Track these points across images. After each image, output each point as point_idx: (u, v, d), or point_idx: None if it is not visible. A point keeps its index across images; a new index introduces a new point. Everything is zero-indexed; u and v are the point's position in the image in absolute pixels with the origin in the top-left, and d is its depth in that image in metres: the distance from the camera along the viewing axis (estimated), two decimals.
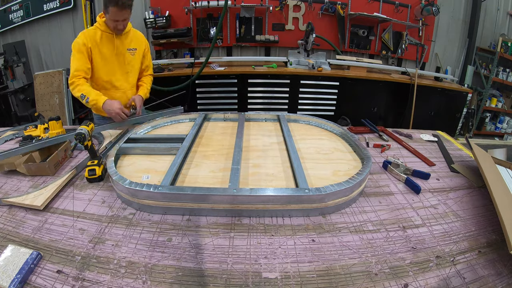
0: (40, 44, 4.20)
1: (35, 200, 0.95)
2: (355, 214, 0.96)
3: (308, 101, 3.49)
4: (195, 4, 3.66)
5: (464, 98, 3.68)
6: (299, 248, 0.81)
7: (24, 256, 0.73)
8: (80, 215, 0.92)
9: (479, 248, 0.84)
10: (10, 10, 4.02)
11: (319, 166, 1.16)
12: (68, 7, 3.88)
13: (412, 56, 4.03)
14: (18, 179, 1.13)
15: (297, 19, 3.96)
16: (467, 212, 1.00)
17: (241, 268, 0.74)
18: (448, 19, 4.26)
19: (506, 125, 4.57)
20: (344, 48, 4.12)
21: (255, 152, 1.26)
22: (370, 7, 3.95)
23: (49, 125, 1.42)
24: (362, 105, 3.58)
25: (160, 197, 0.90)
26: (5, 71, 3.99)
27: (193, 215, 0.93)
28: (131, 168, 1.14)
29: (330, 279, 0.72)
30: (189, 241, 0.82)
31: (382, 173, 1.22)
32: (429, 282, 0.71)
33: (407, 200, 1.05)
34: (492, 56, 4.29)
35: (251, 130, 1.50)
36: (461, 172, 1.25)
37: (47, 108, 3.84)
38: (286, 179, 1.06)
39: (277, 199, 0.90)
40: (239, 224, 0.89)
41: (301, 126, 1.59)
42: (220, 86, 3.39)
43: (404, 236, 0.87)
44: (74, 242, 0.81)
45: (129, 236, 0.84)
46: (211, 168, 1.13)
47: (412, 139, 1.59)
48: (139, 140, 1.35)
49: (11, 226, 0.88)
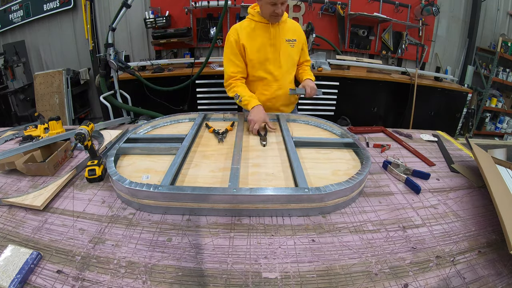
0: (40, 44, 4.20)
1: (35, 200, 0.95)
2: (355, 214, 0.96)
3: (308, 101, 3.48)
4: (195, 4, 3.66)
5: (464, 98, 3.68)
6: (299, 248, 0.81)
7: (24, 256, 0.73)
8: (80, 215, 0.92)
9: (479, 248, 0.84)
10: (10, 10, 4.02)
11: (318, 166, 1.16)
12: (68, 7, 3.89)
13: (412, 56, 4.03)
14: (18, 179, 1.13)
15: (297, 19, 3.95)
16: (467, 212, 1.00)
17: (241, 268, 0.74)
18: (448, 19, 4.26)
19: (506, 125, 4.57)
20: (344, 48, 4.12)
21: (255, 151, 1.26)
22: (370, 7, 3.95)
23: (49, 125, 1.42)
24: (362, 105, 3.58)
25: (160, 197, 0.90)
26: (5, 71, 4.00)
27: (193, 215, 0.93)
28: (131, 168, 1.14)
29: (330, 279, 0.72)
30: (189, 241, 0.82)
31: (382, 173, 1.22)
32: (429, 282, 0.71)
33: (407, 200, 1.05)
34: (492, 56, 4.29)
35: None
36: (461, 172, 1.25)
37: (47, 108, 3.84)
38: (285, 178, 1.06)
39: (276, 199, 0.90)
40: (239, 224, 0.89)
41: (300, 125, 1.59)
42: (220, 86, 3.37)
43: (404, 236, 0.87)
44: (74, 242, 0.81)
45: (129, 236, 0.84)
46: (210, 167, 1.13)
47: (412, 139, 1.59)
48: (138, 140, 1.35)
49: (11, 226, 0.88)
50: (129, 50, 4.09)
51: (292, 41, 1.61)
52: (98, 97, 3.19)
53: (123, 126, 1.72)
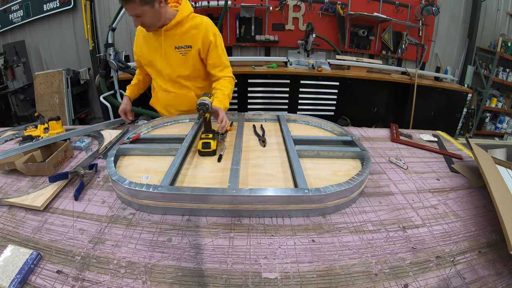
0: (40, 44, 4.20)
1: (35, 200, 0.95)
2: (355, 214, 0.96)
3: (308, 101, 3.48)
4: (195, 4, 3.66)
5: (464, 98, 3.69)
6: (299, 248, 0.81)
7: (24, 256, 0.73)
8: (80, 215, 0.92)
9: (479, 248, 0.84)
10: (10, 10, 4.02)
11: (318, 167, 1.16)
12: (68, 7, 3.89)
13: (412, 56, 4.03)
14: (18, 179, 1.13)
15: (297, 19, 3.96)
16: (467, 212, 1.00)
17: (241, 268, 0.74)
18: (448, 19, 4.26)
19: (506, 125, 4.57)
20: (344, 48, 4.12)
21: (255, 152, 1.26)
22: (370, 7, 3.95)
23: (49, 125, 1.42)
24: (362, 105, 3.58)
25: (159, 197, 0.90)
26: (5, 71, 4.00)
27: (193, 215, 0.93)
28: (131, 168, 1.14)
29: (330, 279, 0.72)
30: (189, 241, 0.82)
31: (382, 173, 1.22)
32: (429, 283, 0.71)
33: (407, 200, 1.04)
34: (492, 56, 4.29)
35: (250, 130, 1.50)
36: (461, 172, 1.25)
37: (47, 108, 3.84)
38: (285, 179, 1.06)
39: (276, 199, 0.90)
40: (239, 224, 0.89)
41: (300, 126, 1.59)
42: None
43: (404, 236, 0.87)
44: (74, 242, 0.81)
45: (129, 236, 0.84)
46: (210, 168, 1.13)
47: (412, 139, 1.59)
48: (138, 140, 1.35)
49: (11, 226, 0.88)
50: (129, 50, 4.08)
51: (184, 48, 1.41)
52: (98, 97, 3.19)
53: (123, 126, 1.72)
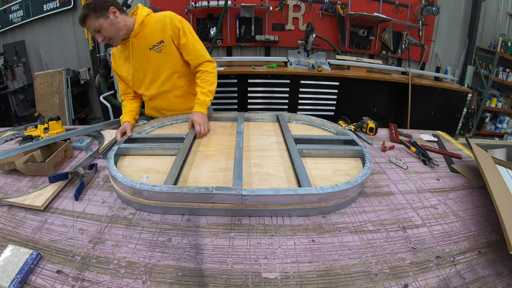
0: (40, 44, 4.20)
1: (35, 200, 0.95)
2: (355, 214, 0.96)
3: (308, 101, 3.48)
4: (195, 4, 3.66)
5: (464, 98, 3.68)
6: (299, 248, 0.81)
7: (24, 256, 0.73)
8: (80, 215, 0.92)
9: (479, 248, 0.84)
10: (10, 10, 4.02)
11: (318, 166, 1.16)
12: (68, 7, 3.89)
13: (412, 56, 4.03)
14: (18, 179, 1.13)
15: (297, 19, 3.96)
16: (467, 212, 1.00)
17: (241, 268, 0.74)
18: (448, 19, 4.26)
19: (506, 125, 4.57)
20: (344, 48, 4.12)
21: (255, 152, 1.26)
22: (370, 7, 3.95)
23: (49, 125, 1.42)
24: (362, 105, 3.58)
25: (161, 197, 0.90)
26: (5, 71, 4.00)
27: (193, 215, 0.92)
28: (131, 168, 1.14)
29: (330, 279, 0.72)
30: (189, 241, 0.82)
31: (382, 173, 1.22)
32: (429, 283, 0.71)
33: (407, 200, 1.04)
34: (492, 56, 4.29)
35: (250, 130, 1.50)
36: (461, 172, 1.25)
37: (47, 108, 3.84)
38: (287, 178, 1.06)
39: (277, 199, 0.90)
40: (239, 224, 0.89)
41: (300, 126, 1.59)
42: (220, 86, 3.35)
43: (404, 236, 0.87)
44: (74, 242, 0.81)
45: (129, 236, 0.84)
46: (211, 168, 1.13)
47: (412, 139, 1.59)
48: (139, 140, 1.35)
49: (11, 226, 0.88)
50: None
51: (157, 45, 1.38)
52: (98, 97, 3.19)
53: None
